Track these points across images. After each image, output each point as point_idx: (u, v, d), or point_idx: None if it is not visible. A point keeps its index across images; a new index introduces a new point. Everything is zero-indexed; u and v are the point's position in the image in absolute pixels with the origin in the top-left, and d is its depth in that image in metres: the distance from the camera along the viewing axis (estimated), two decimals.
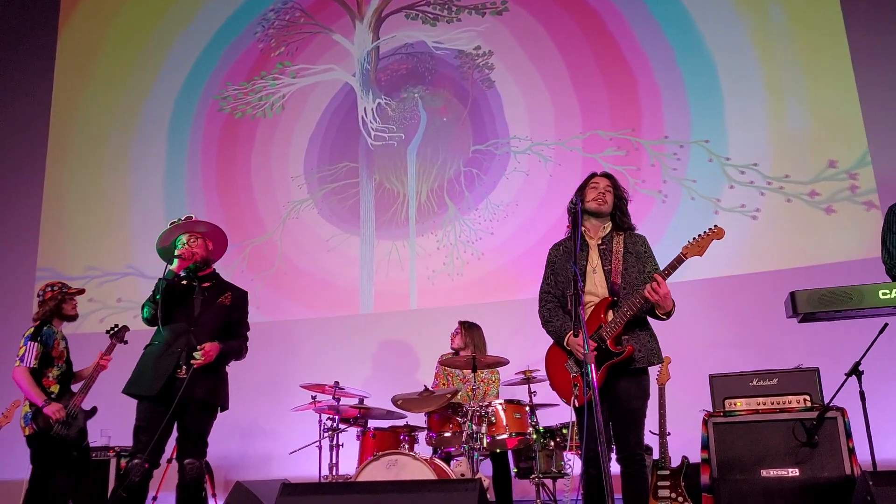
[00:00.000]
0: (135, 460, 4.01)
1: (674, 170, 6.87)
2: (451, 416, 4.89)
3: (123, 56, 9.30)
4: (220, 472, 6.74)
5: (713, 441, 3.96)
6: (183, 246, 4.32)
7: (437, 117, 7.66)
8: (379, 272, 7.53)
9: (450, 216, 7.46)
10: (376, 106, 7.98)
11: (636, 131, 7.06)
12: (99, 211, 8.67)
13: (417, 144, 7.69)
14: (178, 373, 4.12)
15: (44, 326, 4.97)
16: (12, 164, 9.01)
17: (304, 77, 8.35)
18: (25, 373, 4.80)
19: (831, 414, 3.82)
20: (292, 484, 3.36)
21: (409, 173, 7.72)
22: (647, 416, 3.56)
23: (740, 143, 6.70)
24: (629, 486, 3.42)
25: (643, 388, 3.50)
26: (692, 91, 7.00)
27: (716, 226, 3.51)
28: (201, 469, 4.17)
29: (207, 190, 8.47)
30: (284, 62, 8.56)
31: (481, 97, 7.54)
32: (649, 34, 7.28)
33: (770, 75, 6.76)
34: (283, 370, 7.04)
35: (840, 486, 3.67)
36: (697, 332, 5.93)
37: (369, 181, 7.81)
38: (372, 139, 7.78)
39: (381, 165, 7.72)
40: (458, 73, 7.69)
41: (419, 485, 3.30)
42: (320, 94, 8.29)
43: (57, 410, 4.73)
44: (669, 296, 3.42)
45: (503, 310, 6.63)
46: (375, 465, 4.46)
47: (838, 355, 4.23)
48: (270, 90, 8.50)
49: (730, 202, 6.58)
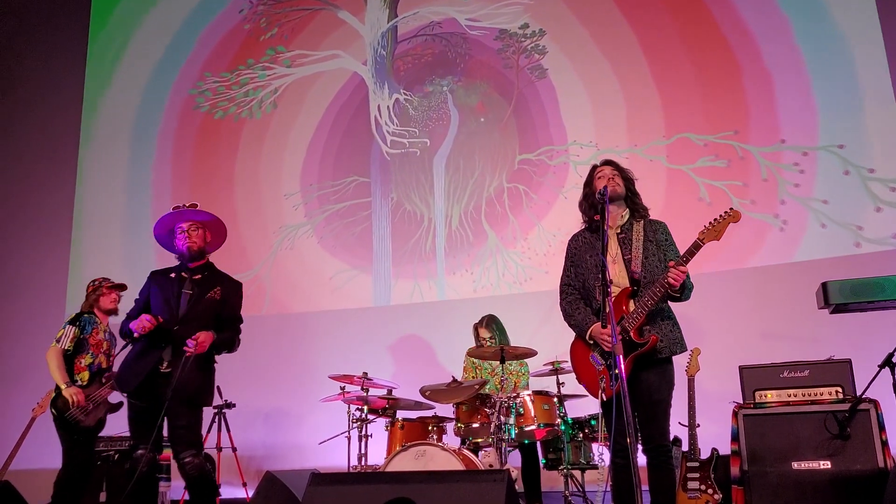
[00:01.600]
0: (139, 451, 4.09)
1: (795, 186, 5.33)
2: (479, 407, 4.90)
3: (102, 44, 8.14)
4: (251, 463, 6.82)
5: (743, 433, 3.93)
6: (182, 233, 4.33)
7: (473, 117, 6.34)
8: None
9: (489, 248, 6.28)
10: (393, 103, 6.58)
11: (741, 134, 5.57)
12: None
13: (447, 153, 6.38)
14: (160, 367, 4.11)
15: (84, 314, 5.08)
16: (47, 165, 8.92)
17: (302, 67, 6.92)
18: (57, 353, 4.88)
19: (864, 406, 3.78)
20: (322, 474, 3.40)
21: (437, 191, 6.41)
22: (677, 407, 3.55)
23: (890, 149, 5.07)
24: (656, 477, 3.42)
25: (668, 378, 3.48)
26: (819, 80, 5.30)
27: (732, 209, 3.46)
28: (202, 464, 4.17)
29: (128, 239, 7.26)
30: (277, 48, 7.05)
31: (530, 91, 6.19)
32: (756, 2, 5.64)
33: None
34: (311, 361, 7.07)
35: (872, 478, 3.63)
36: (727, 324, 5.86)
37: (384, 201, 6.51)
38: (388, 146, 6.48)
39: (400, 181, 6.48)
40: (499, 59, 6.32)
41: (447, 475, 3.32)
42: (322, 88, 6.87)
43: (75, 393, 4.77)
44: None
45: (531, 300, 6.56)
46: (404, 456, 4.48)
47: (871, 347, 4.17)
48: (259, 83, 7.04)
49: (876, 230, 5.01)
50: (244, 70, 7.24)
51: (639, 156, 5.84)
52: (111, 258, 8.03)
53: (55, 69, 8.99)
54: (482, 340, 5.50)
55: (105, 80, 8.23)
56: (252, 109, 7.05)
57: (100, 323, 5.13)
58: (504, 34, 6.41)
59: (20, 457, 5.81)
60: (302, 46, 7.08)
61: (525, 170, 6.27)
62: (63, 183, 8.61)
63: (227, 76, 7.27)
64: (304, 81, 7.02)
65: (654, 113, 5.91)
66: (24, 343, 7.87)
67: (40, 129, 8.99)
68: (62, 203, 8.56)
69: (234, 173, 7.10)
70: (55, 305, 8.09)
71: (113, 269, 6.67)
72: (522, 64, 6.25)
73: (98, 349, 5.07)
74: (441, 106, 6.54)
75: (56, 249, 8.43)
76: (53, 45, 9.19)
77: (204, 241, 4.40)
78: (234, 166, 7.09)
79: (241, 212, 6.93)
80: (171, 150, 7.39)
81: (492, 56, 6.45)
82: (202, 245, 4.39)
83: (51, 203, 8.65)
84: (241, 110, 7.13)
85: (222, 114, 7.20)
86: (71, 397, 4.76)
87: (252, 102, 7.08)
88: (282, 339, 7.32)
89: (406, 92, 6.66)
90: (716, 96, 5.73)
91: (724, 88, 5.70)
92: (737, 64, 5.64)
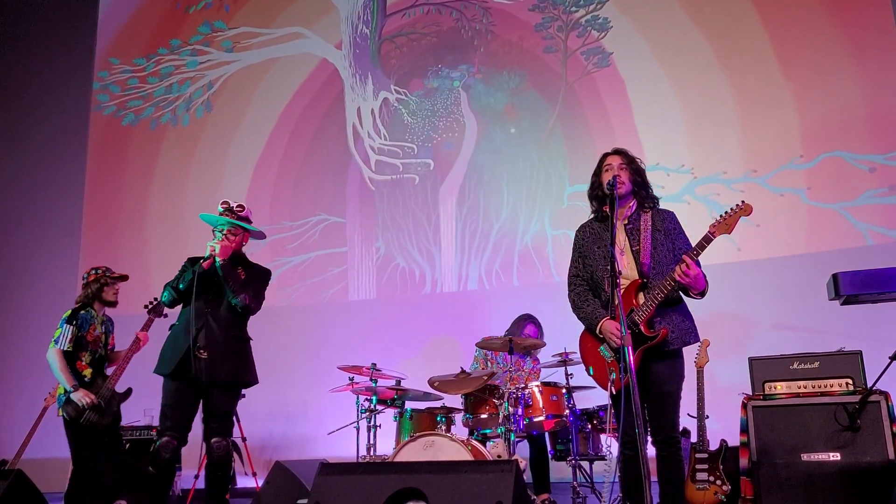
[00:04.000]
0: (164, 438, 4.16)
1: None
2: (487, 398, 4.93)
3: None
4: (261, 453, 6.85)
5: (752, 424, 3.93)
6: (221, 235, 4.39)
7: (499, 127, 4.78)
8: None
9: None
10: (381, 105, 4.84)
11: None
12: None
13: (459, 181, 4.78)
14: (198, 352, 4.21)
15: (81, 310, 5.04)
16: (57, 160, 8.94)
17: (249, 51, 5.10)
18: (58, 355, 4.87)
19: (874, 398, 3.77)
20: (330, 464, 3.41)
21: (444, 238, 4.83)
22: (686, 399, 3.54)
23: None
24: (664, 469, 3.42)
25: (678, 371, 3.47)
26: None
27: (743, 202, 3.43)
28: (228, 448, 4.29)
29: (89, 241, 5.89)
30: (213, 23, 5.19)
31: (586, 87, 4.64)
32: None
33: None
34: (321, 352, 7.10)
35: (883, 470, 3.62)
36: (737, 315, 5.85)
37: (366, 252, 5.05)
38: (372, 169, 4.86)
39: (390, 222, 4.94)
40: (538, 38, 4.64)
41: (456, 466, 3.33)
42: (277, 82, 5.16)
43: (83, 395, 4.77)
44: (702, 276, 3.37)
45: (540, 291, 6.54)
46: (412, 446, 4.50)
47: (882, 338, 4.17)
48: (187, 74, 5.24)
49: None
50: (166, 56, 5.24)
51: (762, 187, 4.47)
52: (118, 249, 8.03)
53: (64, 64, 8.98)
54: (523, 335, 5.42)
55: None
56: (176, 113, 5.12)
57: (96, 316, 5.10)
58: (545, 1, 4.74)
59: (32, 446, 5.86)
60: (249, 22, 5.21)
61: (580, 208, 4.46)
62: (73, 176, 8.63)
63: (142, 63, 5.26)
64: (250, 73, 5.21)
65: (788, 120, 4.51)
66: (35, 334, 7.92)
67: (49, 124, 9.01)
68: (72, 196, 8.58)
69: (147, 205, 5.02)
70: (66, 296, 8.12)
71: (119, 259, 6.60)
72: (573, 45, 4.63)
73: (96, 344, 5.05)
74: (451, 109, 4.90)
75: (66, 241, 8.46)
76: (62, 40, 9.20)
77: (240, 245, 4.53)
78: (147, 197, 4.99)
79: (155, 261, 4.99)
80: (87, 167, 5.43)
81: (527, 34, 4.80)
82: (237, 247, 4.50)
83: (61, 195, 8.68)
84: (159, 113, 5.23)
85: (133, 117, 5.22)
86: (80, 401, 4.75)
87: (176, 102, 5.17)
88: (292, 330, 7.34)
89: (399, 89, 5.02)
90: (882, 103, 4.19)
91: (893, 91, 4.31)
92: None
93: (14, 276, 8.71)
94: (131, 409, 5.19)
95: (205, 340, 4.24)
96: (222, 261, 4.29)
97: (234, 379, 4.34)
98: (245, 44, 5.29)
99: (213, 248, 4.26)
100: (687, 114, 5.11)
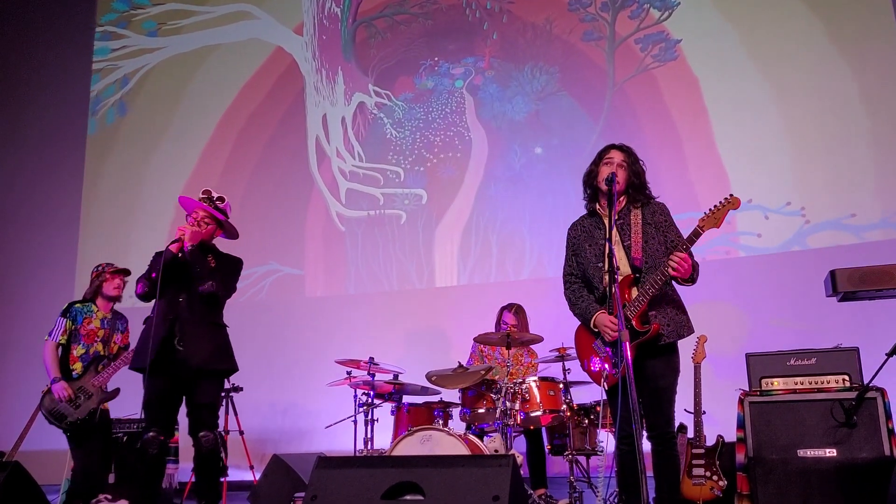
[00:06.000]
0: (150, 433, 4.13)
1: None
2: (485, 393, 4.96)
3: None
4: (258, 446, 6.86)
5: (749, 420, 3.95)
6: (191, 220, 4.34)
7: (518, 144, 3.77)
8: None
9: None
10: (355, 112, 3.78)
11: None
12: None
13: (464, 220, 3.84)
14: (176, 344, 4.15)
15: (77, 304, 5.10)
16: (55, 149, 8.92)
17: (179, 36, 4.02)
18: (49, 347, 4.95)
19: (871, 394, 3.79)
20: (328, 457, 3.42)
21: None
22: (683, 394, 3.55)
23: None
24: (660, 464, 3.44)
25: (672, 365, 3.48)
26: None
27: (731, 195, 3.43)
28: (216, 440, 4.23)
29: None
30: (137, 1, 3.93)
31: (643, 91, 3.62)
32: None
33: None
34: (318, 346, 7.11)
35: (878, 466, 3.64)
36: (734, 311, 5.86)
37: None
38: (342, 202, 3.89)
39: (365, 275, 3.98)
40: (575, 21, 3.56)
41: (453, 460, 3.34)
42: (215, 78, 4.14)
43: (62, 389, 4.83)
44: (691, 265, 3.37)
45: (538, 287, 6.56)
46: (409, 440, 4.52)
47: (879, 335, 4.17)
48: (96, 66, 4.18)
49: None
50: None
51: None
52: (119, 240, 8.00)
53: (64, 49, 8.94)
54: (503, 325, 5.51)
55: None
56: (88, 116, 3.99)
57: (96, 311, 5.12)
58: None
59: (30, 438, 5.87)
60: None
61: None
62: (72, 168, 8.62)
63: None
64: (179, 65, 4.06)
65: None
66: (32, 327, 7.92)
67: (48, 116, 8.99)
68: (70, 188, 8.56)
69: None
70: (64, 289, 8.13)
71: (120, 252, 6.60)
72: (623, 30, 3.35)
73: (91, 339, 5.06)
74: (452, 119, 3.72)
75: (64, 233, 8.46)
76: (60, 35, 9.18)
77: (210, 235, 4.42)
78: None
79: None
80: None
81: (558, 14, 3.54)
82: (205, 238, 4.40)
83: (58, 188, 8.67)
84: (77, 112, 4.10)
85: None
86: (57, 393, 4.83)
87: (83, 104, 4.03)
88: (289, 323, 7.34)
89: (380, 90, 3.74)
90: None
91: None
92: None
93: (11, 269, 8.71)
94: (129, 404, 5.19)
95: (180, 331, 4.17)
96: (191, 246, 4.17)
97: (213, 367, 4.26)
98: (173, 25, 3.87)
99: (183, 233, 4.16)
100: (795, 131, 3.76)
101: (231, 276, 4.44)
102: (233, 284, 4.44)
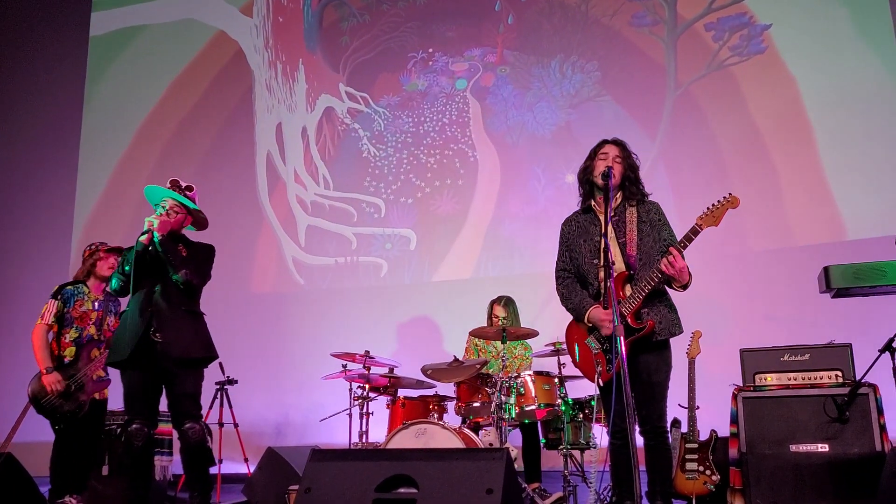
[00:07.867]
0: (134, 426, 4.08)
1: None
2: (480, 387, 4.96)
3: None
4: (252, 438, 6.86)
5: (742, 415, 3.99)
6: (163, 211, 4.24)
7: (543, 167, 3.22)
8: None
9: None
10: (320, 121, 3.24)
11: None
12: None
13: (469, 270, 3.35)
14: (153, 336, 4.10)
15: (68, 285, 4.97)
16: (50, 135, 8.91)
17: (98, 12, 3.45)
18: (39, 332, 4.80)
19: (863, 390, 3.83)
20: (322, 450, 3.42)
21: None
22: (677, 389, 3.56)
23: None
24: (652, 458, 3.46)
25: (665, 361, 3.50)
26: None
27: (730, 194, 3.44)
28: (202, 431, 4.18)
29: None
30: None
31: (717, 96, 3.04)
32: None
33: None
34: (314, 339, 7.10)
35: (870, 462, 3.68)
36: (728, 307, 5.90)
37: None
38: (301, 244, 3.47)
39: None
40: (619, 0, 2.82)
41: (447, 453, 3.34)
42: (140, 70, 3.67)
43: (55, 381, 4.70)
44: (686, 269, 3.38)
45: (533, 282, 6.56)
46: (404, 434, 4.52)
47: (872, 331, 4.21)
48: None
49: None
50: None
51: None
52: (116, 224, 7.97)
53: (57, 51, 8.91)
54: (494, 318, 5.52)
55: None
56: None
57: (88, 293, 4.99)
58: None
59: (22, 429, 5.85)
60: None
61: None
62: (67, 154, 8.59)
63: None
64: (94, 53, 3.65)
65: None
66: (24, 318, 7.87)
67: (43, 106, 8.97)
68: (64, 179, 8.54)
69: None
70: (57, 281, 8.09)
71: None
72: (688, 12, 2.68)
73: (84, 321, 4.94)
74: (453, 132, 3.09)
75: (57, 224, 8.43)
76: (55, 31, 9.16)
77: (180, 225, 4.38)
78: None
79: None
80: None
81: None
82: (176, 228, 4.36)
83: (52, 179, 8.66)
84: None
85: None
86: (50, 385, 4.70)
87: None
88: (284, 316, 7.34)
89: (355, 91, 3.11)
90: None
91: None
92: None
93: (3, 261, 8.68)
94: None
95: (157, 322, 4.12)
96: (161, 236, 4.11)
97: (193, 355, 4.20)
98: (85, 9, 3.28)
99: (152, 223, 4.08)
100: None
101: (204, 263, 4.38)
102: (207, 271, 4.39)
